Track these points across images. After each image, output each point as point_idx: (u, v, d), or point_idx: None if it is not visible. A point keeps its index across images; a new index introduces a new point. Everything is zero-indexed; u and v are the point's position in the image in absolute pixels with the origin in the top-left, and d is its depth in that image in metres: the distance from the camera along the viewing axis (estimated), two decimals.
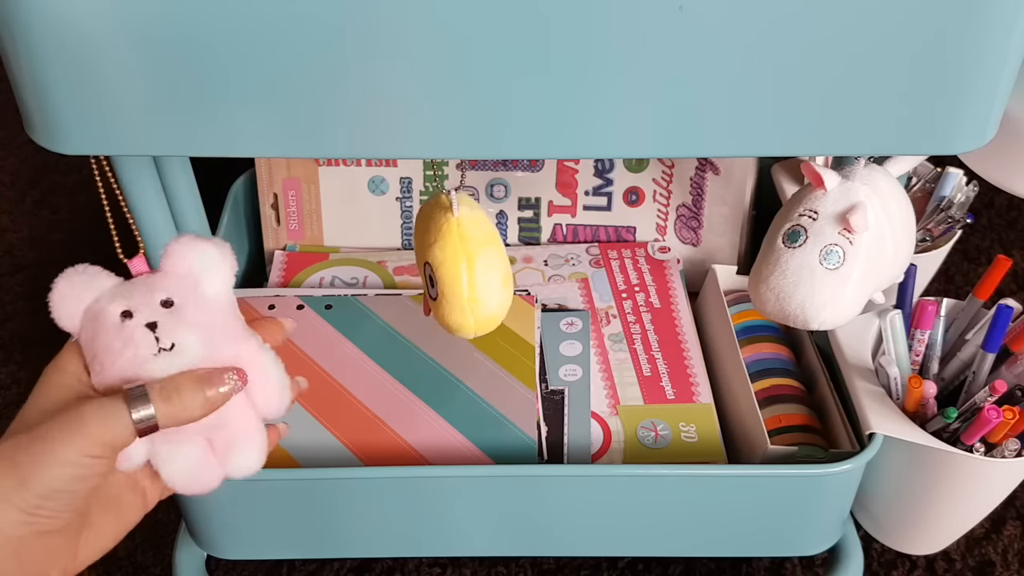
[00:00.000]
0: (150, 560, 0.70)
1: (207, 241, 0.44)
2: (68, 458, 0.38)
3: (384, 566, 0.69)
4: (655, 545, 0.64)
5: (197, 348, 0.42)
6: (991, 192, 1.01)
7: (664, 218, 0.82)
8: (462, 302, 0.51)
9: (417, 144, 0.43)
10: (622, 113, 0.42)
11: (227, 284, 0.44)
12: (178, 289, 0.43)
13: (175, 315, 0.42)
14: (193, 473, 0.43)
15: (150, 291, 0.42)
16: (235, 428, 0.44)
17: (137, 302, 0.42)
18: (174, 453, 0.43)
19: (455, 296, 0.51)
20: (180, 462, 0.42)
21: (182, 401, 0.40)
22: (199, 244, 0.44)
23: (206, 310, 0.43)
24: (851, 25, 0.39)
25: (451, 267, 0.51)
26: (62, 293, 0.42)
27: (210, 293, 0.44)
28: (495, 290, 0.52)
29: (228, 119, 0.42)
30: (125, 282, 0.43)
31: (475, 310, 0.52)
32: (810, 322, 0.52)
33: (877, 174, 0.52)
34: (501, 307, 0.53)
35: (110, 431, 0.39)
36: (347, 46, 0.40)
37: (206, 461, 0.43)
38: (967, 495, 0.63)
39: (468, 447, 0.63)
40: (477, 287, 0.51)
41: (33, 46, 0.40)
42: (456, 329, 0.53)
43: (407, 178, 0.81)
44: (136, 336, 0.41)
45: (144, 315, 0.41)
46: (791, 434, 0.65)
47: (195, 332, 0.42)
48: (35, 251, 0.97)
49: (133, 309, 0.42)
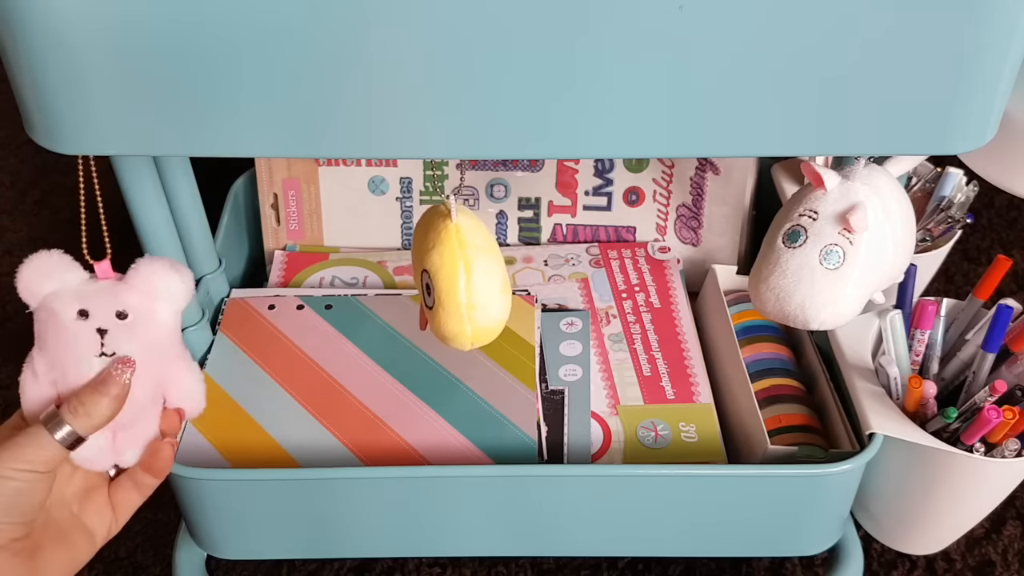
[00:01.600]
0: (150, 560, 0.70)
1: (175, 271, 0.49)
2: (8, 474, 0.45)
3: (384, 566, 0.69)
4: (655, 545, 0.64)
5: (135, 351, 0.48)
6: (991, 192, 1.01)
7: (664, 218, 0.82)
8: (460, 308, 0.51)
9: (417, 144, 0.43)
10: (622, 113, 0.42)
11: (178, 312, 0.50)
12: (136, 305, 0.48)
13: (126, 329, 0.47)
14: (93, 457, 0.49)
15: (110, 299, 0.47)
16: (137, 431, 0.50)
17: (95, 305, 0.47)
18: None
19: (452, 302, 0.51)
20: (86, 448, 0.48)
21: (88, 411, 0.47)
22: (167, 271, 0.49)
23: (154, 330, 0.48)
24: (851, 25, 0.39)
25: (449, 272, 0.50)
26: (31, 271, 0.47)
27: (162, 317, 0.49)
28: (493, 299, 0.52)
29: (228, 119, 0.42)
30: (90, 280, 0.48)
31: (472, 317, 0.51)
32: (810, 322, 0.52)
33: (877, 174, 0.52)
34: (500, 315, 0.53)
35: (42, 452, 0.46)
36: (347, 46, 0.40)
37: (106, 448, 0.49)
38: (967, 495, 0.63)
39: (468, 447, 0.63)
40: (475, 293, 0.51)
41: (33, 46, 0.40)
42: (452, 338, 0.53)
43: (407, 178, 0.81)
44: (84, 336, 0.47)
45: (98, 320, 0.47)
46: (791, 434, 0.65)
47: (137, 348, 0.48)
48: (35, 251, 0.97)
49: (90, 311, 0.47)
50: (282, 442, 0.64)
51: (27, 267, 0.47)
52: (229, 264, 0.76)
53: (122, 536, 0.71)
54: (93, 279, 0.49)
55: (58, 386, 0.48)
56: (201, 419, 0.65)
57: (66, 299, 0.47)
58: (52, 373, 0.48)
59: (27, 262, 0.47)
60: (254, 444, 0.64)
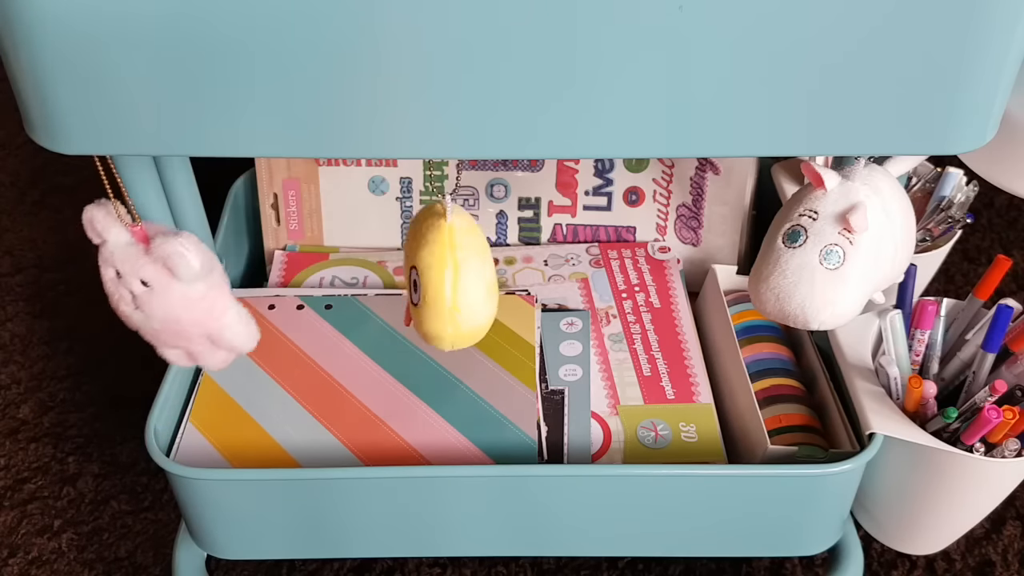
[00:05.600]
0: (150, 560, 0.70)
1: (186, 252, 0.51)
2: None
3: (384, 566, 0.69)
4: (655, 545, 0.64)
5: (158, 320, 0.53)
6: (991, 192, 1.01)
7: (664, 218, 0.82)
8: (444, 309, 0.51)
9: (417, 144, 0.43)
10: (622, 113, 0.42)
11: (198, 282, 0.52)
12: (153, 277, 0.52)
13: (148, 295, 0.52)
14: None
15: (136, 267, 0.51)
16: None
17: (126, 269, 0.52)
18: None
19: (437, 302, 0.51)
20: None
21: None
22: (178, 253, 0.51)
23: (172, 300, 0.52)
24: (851, 24, 0.39)
25: (437, 272, 0.50)
26: (89, 220, 0.52)
27: (178, 290, 0.52)
28: (478, 302, 0.51)
29: (229, 119, 0.42)
30: (127, 245, 0.52)
31: (455, 319, 0.51)
32: (810, 322, 0.52)
33: (877, 174, 0.52)
34: (484, 320, 0.53)
35: None
36: (347, 46, 0.40)
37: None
38: (967, 495, 0.63)
39: (468, 447, 0.63)
40: (461, 296, 0.51)
41: (33, 46, 0.40)
42: (433, 338, 0.53)
43: (407, 178, 0.81)
44: (122, 292, 0.53)
45: (128, 282, 0.52)
46: (791, 434, 0.65)
47: (160, 314, 0.53)
48: (35, 251, 0.97)
49: (123, 274, 0.52)
50: (282, 442, 0.64)
51: (84, 218, 0.52)
52: (229, 264, 0.76)
53: (122, 536, 0.71)
54: (129, 244, 0.52)
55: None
56: (201, 419, 0.65)
57: (107, 258, 0.52)
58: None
59: (91, 212, 0.52)
60: (254, 444, 0.64)
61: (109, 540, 0.71)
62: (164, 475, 0.65)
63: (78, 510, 0.74)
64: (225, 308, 0.54)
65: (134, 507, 0.73)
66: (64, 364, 0.85)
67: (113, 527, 0.72)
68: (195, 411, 0.65)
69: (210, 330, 0.55)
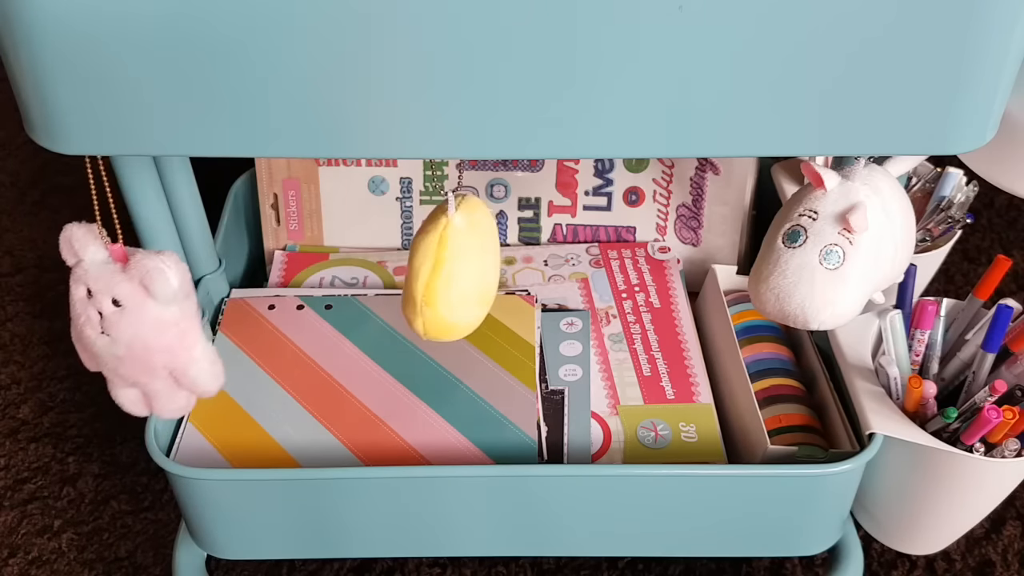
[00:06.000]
0: (150, 560, 0.70)
1: (166, 269, 0.49)
2: None
3: (384, 566, 0.69)
4: (655, 545, 0.64)
5: (124, 346, 0.50)
6: (991, 192, 1.01)
7: (664, 218, 0.82)
8: (415, 300, 0.51)
9: (417, 144, 0.43)
10: (622, 113, 0.42)
11: (173, 305, 0.50)
12: (127, 296, 0.50)
13: (119, 316, 0.50)
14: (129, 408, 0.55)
15: (109, 284, 0.49)
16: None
17: (98, 288, 0.50)
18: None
19: (410, 292, 0.52)
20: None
21: None
22: (157, 270, 0.49)
23: (144, 322, 0.50)
24: (851, 25, 0.39)
25: (419, 264, 0.51)
26: (67, 238, 0.51)
27: (152, 311, 0.50)
28: (452, 304, 0.51)
29: (229, 119, 0.42)
30: (103, 263, 0.50)
31: (424, 312, 0.52)
32: (810, 322, 0.52)
33: (877, 174, 0.52)
34: (457, 321, 0.52)
35: None
36: (347, 46, 0.40)
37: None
38: (967, 495, 0.63)
39: (468, 447, 0.63)
40: (432, 293, 0.51)
41: (34, 46, 0.40)
42: (409, 322, 0.53)
43: (407, 178, 0.81)
44: (90, 313, 0.50)
45: (98, 301, 0.50)
46: (791, 434, 0.65)
47: (128, 336, 0.50)
48: (35, 251, 0.97)
49: (94, 292, 0.50)
50: (282, 442, 0.64)
51: (66, 235, 0.51)
52: (229, 264, 0.76)
53: (122, 536, 0.71)
54: (104, 263, 0.51)
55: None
56: (201, 419, 0.65)
57: (80, 276, 0.50)
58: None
59: (68, 231, 0.51)
60: (254, 444, 0.64)
61: (109, 540, 0.71)
62: (164, 475, 0.65)
63: (78, 510, 0.74)
64: (196, 340, 0.52)
65: (134, 507, 0.74)
66: (64, 364, 0.85)
67: (113, 527, 0.72)
68: (195, 411, 0.65)
69: (177, 362, 0.52)
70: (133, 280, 0.49)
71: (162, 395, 0.53)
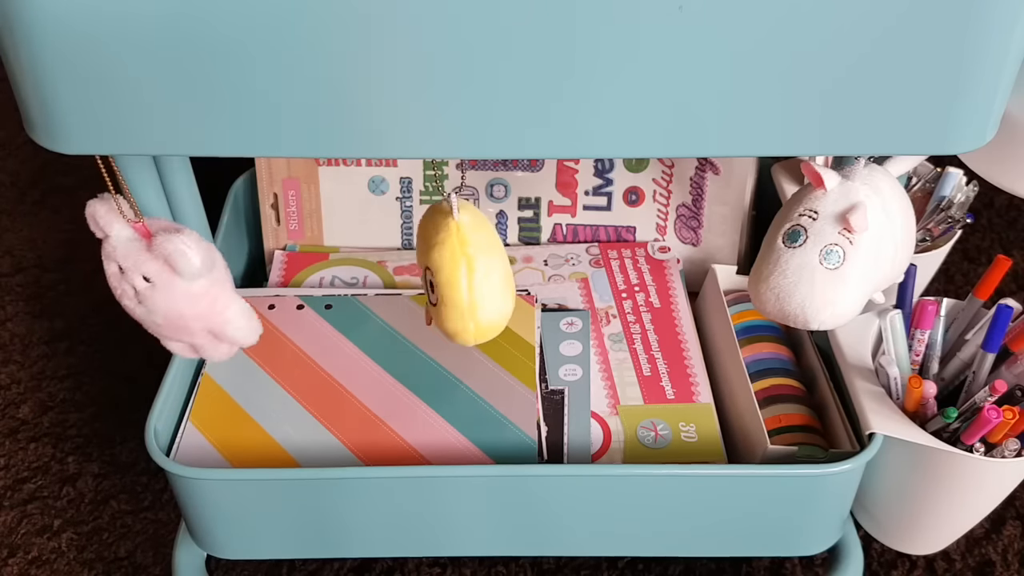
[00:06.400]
0: (150, 560, 0.70)
1: (187, 249, 0.51)
2: None
3: (384, 566, 0.69)
4: (655, 545, 0.64)
5: (160, 315, 0.54)
6: (991, 192, 1.01)
7: (664, 218, 0.82)
8: (461, 307, 0.51)
9: (417, 144, 0.43)
10: (622, 113, 0.42)
11: (200, 279, 0.53)
12: (155, 273, 0.52)
13: (151, 291, 0.53)
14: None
15: (137, 262, 0.52)
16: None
17: (128, 264, 0.52)
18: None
19: (454, 301, 0.51)
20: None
21: None
22: (179, 250, 0.51)
23: (175, 296, 0.53)
24: (851, 25, 0.39)
25: (451, 271, 0.51)
26: (92, 215, 0.52)
27: (179, 286, 0.53)
28: (495, 296, 0.52)
29: (228, 119, 0.42)
30: (129, 240, 0.52)
31: (475, 315, 0.52)
32: (810, 322, 0.52)
33: (877, 174, 0.52)
34: (501, 313, 0.53)
35: None
36: (347, 46, 0.40)
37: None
38: (967, 495, 0.63)
39: (468, 447, 0.63)
40: (476, 292, 0.51)
41: (33, 46, 0.40)
42: (454, 335, 0.53)
43: (407, 178, 0.81)
44: (125, 287, 0.53)
45: (130, 277, 0.53)
46: (791, 434, 0.65)
47: (162, 309, 0.53)
48: (35, 251, 0.97)
49: (125, 269, 0.53)
50: (282, 442, 0.64)
51: (87, 212, 0.52)
52: (229, 264, 0.76)
53: (122, 536, 0.72)
54: (131, 239, 0.53)
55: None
56: (201, 419, 0.65)
57: (110, 253, 0.53)
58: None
59: (87, 207, 0.52)
60: (254, 444, 0.64)
61: (109, 540, 0.71)
62: (164, 475, 0.65)
63: (78, 510, 0.73)
64: (228, 303, 0.55)
65: (134, 507, 0.74)
66: (64, 364, 0.85)
67: (113, 527, 0.72)
68: (195, 411, 0.65)
69: (213, 325, 0.55)
70: (158, 259, 0.52)
71: (207, 347, 0.58)
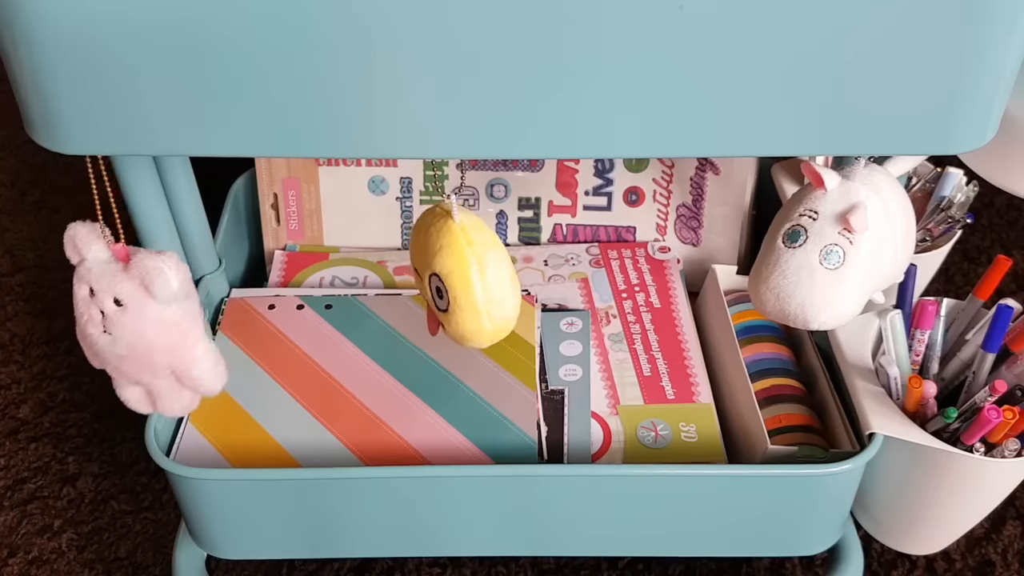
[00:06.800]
0: (150, 560, 0.70)
1: (166, 269, 0.49)
2: None
3: (384, 566, 0.69)
4: (655, 545, 0.64)
5: (126, 345, 0.51)
6: (991, 192, 1.01)
7: (664, 218, 0.82)
8: (478, 306, 0.51)
9: (417, 144, 0.43)
10: (622, 113, 0.42)
11: (174, 305, 0.51)
12: (129, 295, 0.50)
13: (120, 315, 0.50)
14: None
15: (112, 283, 0.50)
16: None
17: (100, 287, 0.50)
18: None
19: (469, 301, 0.51)
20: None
21: None
22: (158, 270, 0.49)
23: (146, 321, 0.50)
24: (851, 25, 0.39)
25: (462, 273, 0.51)
26: (71, 237, 0.51)
27: (153, 310, 0.50)
28: (508, 292, 0.52)
29: (228, 119, 0.42)
30: (106, 263, 0.51)
31: (492, 312, 0.51)
32: (810, 322, 0.52)
33: (877, 174, 0.52)
34: (516, 309, 0.53)
35: None
36: (347, 46, 0.40)
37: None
38: (967, 495, 0.63)
39: (468, 447, 0.63)
40: (491, 289, 0.51)
41: (34, 46, 0.40)
42: (471, 337, 0.53)
43: (407, 178, 0.81)
44: (92, 312, 0.51)
45: (100, 300, 0.50)
46: (791, 434, 0.65)
47: (129, 335, 0.50)
48: (35, 251, 0.97)
49: (96, 292, 0.50)
50: (282, 442, 0.64)
51: (70, 234, 0.51)
52: (229, 264, 0.76)
53: (122, 536, 0.72)
54: (106, 262, 0.51)
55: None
56: (201, 419, 0.65)
57: (83, 275, 0.50)
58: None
59: (72, 230, 0.51)
60: (254, 444, 0.64)
61: (109, 540, 0.71)
62: (164, 475, 0.65)
63: (78, 510, 0.74)
64: (197, 340, 0.52)
65: (134, 507, 0.74)
66: (64, 364, 0.85)
67: (113, 527, 0.72)
68: (195, 411, 0.65)
69: (178, 362, 0.52)
70: (134, 280, 0.49)
71: (166, 394, 0.54)
